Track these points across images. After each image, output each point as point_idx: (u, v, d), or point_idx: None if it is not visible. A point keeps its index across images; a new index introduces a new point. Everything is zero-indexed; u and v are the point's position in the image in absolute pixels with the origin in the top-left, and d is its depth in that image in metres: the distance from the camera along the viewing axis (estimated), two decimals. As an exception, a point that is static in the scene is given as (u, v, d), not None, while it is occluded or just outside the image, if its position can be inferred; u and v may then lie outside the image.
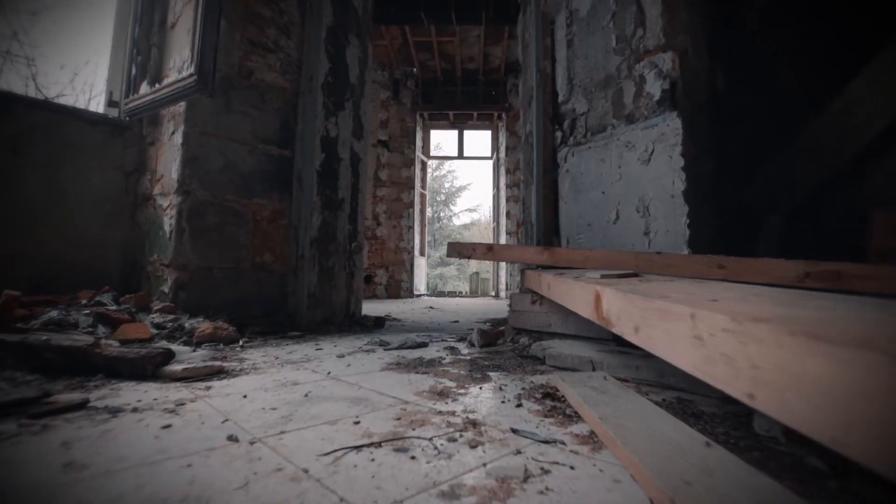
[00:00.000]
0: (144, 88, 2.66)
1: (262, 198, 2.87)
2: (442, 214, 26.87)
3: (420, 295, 10.08)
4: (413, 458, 0.83)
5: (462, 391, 1.36)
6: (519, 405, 1.19)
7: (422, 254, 10.41)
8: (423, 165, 10.86)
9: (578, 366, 1.62)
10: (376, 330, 3.16)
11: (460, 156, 11.57)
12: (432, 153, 11.77)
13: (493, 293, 10.90)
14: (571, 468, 0.79)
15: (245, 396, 1.27)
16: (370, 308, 5.27)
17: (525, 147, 3.40)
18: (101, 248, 2.73)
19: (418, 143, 10.31)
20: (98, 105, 2.93)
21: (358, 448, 0.87)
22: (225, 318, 2.42)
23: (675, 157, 2.27)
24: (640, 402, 1.06)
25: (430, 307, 6.10)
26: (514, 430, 0.97)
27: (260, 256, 2.84)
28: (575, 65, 2.83)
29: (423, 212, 10.62)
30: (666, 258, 1.86)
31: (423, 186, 10.77)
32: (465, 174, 35.97)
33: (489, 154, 11.44)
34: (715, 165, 2.57)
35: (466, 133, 11.61)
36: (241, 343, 2.17)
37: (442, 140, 23.34)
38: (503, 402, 1.23)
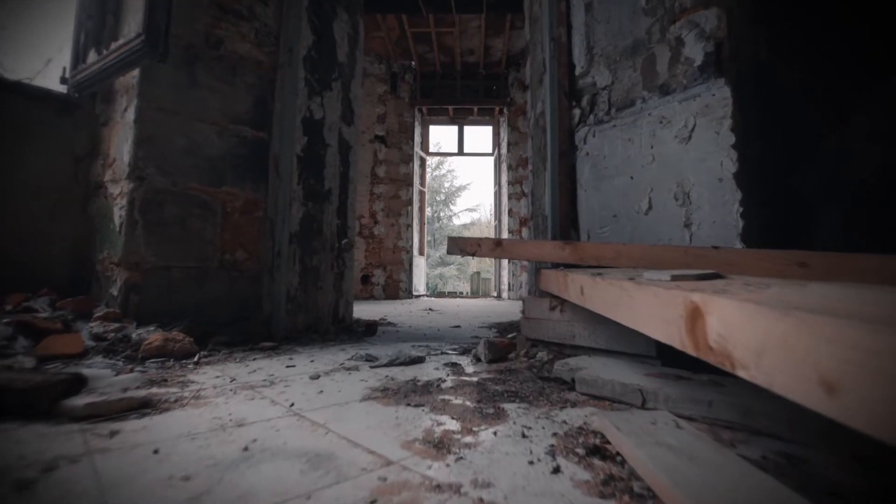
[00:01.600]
0: (92, 57, 2.27)
1: (233, 186, 2.48)
2: (442, 214, 26.51)
3: (419, 295, 9.69)
4: None
5: (469, 439, 0.97)
6: (556, 470, 0.80)
7: (421, 253, 10.02)
8: (422, 162, 10.48)
9: (622, 396, 1.23)
10: (367, 338, 2.77)
11: (460, 152, 11.18)
12: (431, 151, 11.37)
13: (494, 294, 10.52)
14: None
15: (156, 451, 0.88)
16: (366, 310, 4.88)
17: (535, 131, 3.01)
18: (46, 244, 2.34)
19: (417, 138, 9.92)
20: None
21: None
22: (184, 326, 2.03)
23: (724, 132, 1.89)
24: (755, 475, 0.67)
25: (430, 309, 5.71)
26: (561, 536, 0.58)
27: (230, 254, 2.44)
28: (595, 31, 2.44)
29: (422, 210, 10.23)
30: (726, 254, 1.47)
31: (423, 184, 10.39)
32: (464, 173, 35.54)
33: (490, 150, 11.06)
34: (761, 148, 2.18)
35: (466, 129, 11.23)
36: (196, 358, 1.78)
37: (441, 139, 23.02)
38: (531, 462, 0.84)
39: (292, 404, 1.22)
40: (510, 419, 1.11)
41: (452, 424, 1.06)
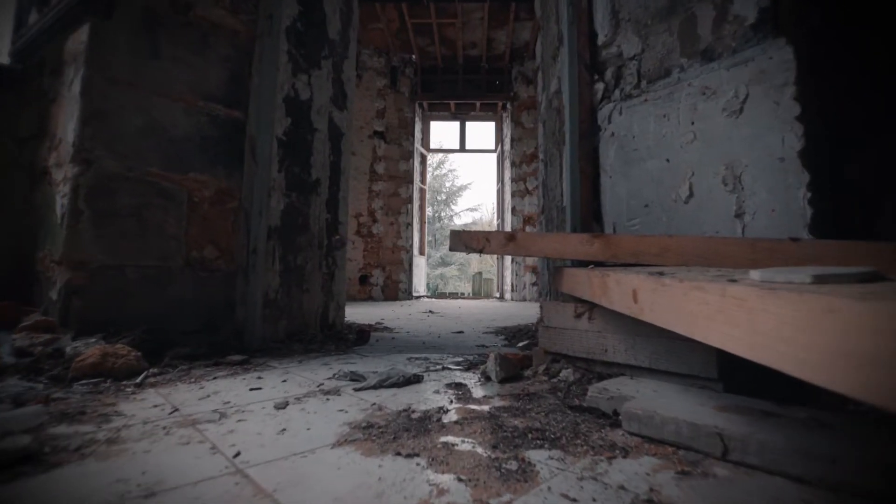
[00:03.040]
0: (33, 18, 1.95)
1: (202, 172, 2.15)
2: (443, 214, 26.20)
3: (419, 296, 9.36)
4: None
5: (487, 526, 0.64)
6: None
7: (421, 253, 9.69)
8: (423, 159, 10.15)
9: (691, 441, 0.89)
10: (357, 346, 2.44)
11: (462, 148, 10.85)
12: (432, 148, 11.03)
13: (497, 294, 10.18)
14: None
15: (-17, 560, 0.55)
16: (362, 313, 4.55)
17: (548, 113, 2.68)
18: (-18, 239, 2.01)
19: (417, 134, 9.59)
20: None
21: None
22: (135, 336, 1.71)
23: (785, 102, 1.56)
24: None
25: (430, 311, 5.38)
26: None
27: (198, 251, 2.11)
28: (622, -7, 2.11)
29: (422, 208, 9.90)
30: (810, 247, 1.14)
31: (423, 181, 10.05)
32: (466, 172, 35.15)
33: (493, 147, 10.72)
34: (824, 124, 1.85)
35: (469, 125, 10.90)
36: (141, 377, 1.45)
37: (443, 137, 22.75)
38: (594, 585, 0.51)
39: (238, 453, 0.88)
40: (542, 480, 0.78)
41: (460, 493, 0.73)
